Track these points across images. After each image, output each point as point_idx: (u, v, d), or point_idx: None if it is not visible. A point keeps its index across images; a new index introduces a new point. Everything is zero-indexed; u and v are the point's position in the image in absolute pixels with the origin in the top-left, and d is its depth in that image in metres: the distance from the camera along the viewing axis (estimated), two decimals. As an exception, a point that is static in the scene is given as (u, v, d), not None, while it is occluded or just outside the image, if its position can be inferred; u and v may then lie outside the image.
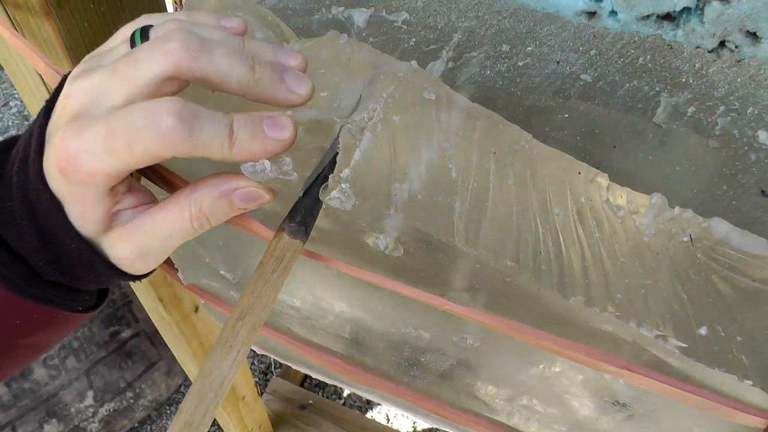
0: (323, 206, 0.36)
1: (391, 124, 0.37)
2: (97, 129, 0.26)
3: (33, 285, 0.31)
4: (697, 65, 0.45)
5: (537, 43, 0.46)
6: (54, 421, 1.40)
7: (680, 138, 0.39)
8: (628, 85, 0.41)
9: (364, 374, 0.56)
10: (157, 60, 0.26)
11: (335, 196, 0.34)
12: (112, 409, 1.47)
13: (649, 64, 0.44)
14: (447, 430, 0.62)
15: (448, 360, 0.49)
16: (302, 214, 0.35)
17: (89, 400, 1.44)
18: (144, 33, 0.29)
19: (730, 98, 0.40)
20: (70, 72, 0.30)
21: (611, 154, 0.40)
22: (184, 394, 1.78)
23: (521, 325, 0.38)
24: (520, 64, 0.44)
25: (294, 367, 0.70)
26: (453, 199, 0.35)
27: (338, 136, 0.37)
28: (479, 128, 0.39)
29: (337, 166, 0.35)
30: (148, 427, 1.68)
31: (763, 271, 0.38)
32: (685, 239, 0.39)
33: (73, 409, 1.42)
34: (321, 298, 0.49)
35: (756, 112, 0.39)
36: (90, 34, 0.45)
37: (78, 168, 0.26)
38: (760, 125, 0.38)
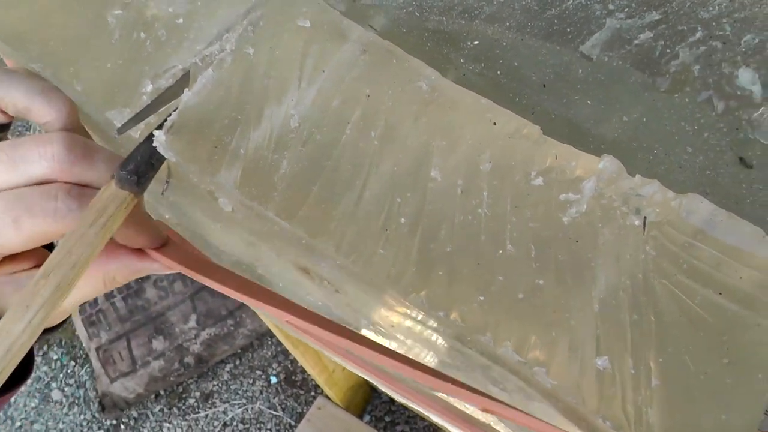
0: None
1: (244, 59, 0.31)
2: None
3: None
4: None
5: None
6: (161, 338, 1.55)
7: (616, 75, 0.27)
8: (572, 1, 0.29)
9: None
10: None
11: (157, 144, 0.29)
12: (213, 334, 1.59)
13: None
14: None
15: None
16: (137, 162, 0.30)
17: (192, 322, 1.57)
18: None
19: (724, 20, 0.27)
20: None
21: (541, 96, 0.29)
22: (284, 326, 1.87)
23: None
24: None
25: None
26: (281, 155, 0.28)
27: (187, 73, 0.31)
28: (361, 64, 0.31)
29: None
30: (250, 355, 1.79)
31: (742, 277, 0.26)
32: (636, 223, 0.28)
33: (177, 329, 1.56)
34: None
35: (756, 41, 0.26)
36: None
37: None
38: (750, 60, 0.25)
